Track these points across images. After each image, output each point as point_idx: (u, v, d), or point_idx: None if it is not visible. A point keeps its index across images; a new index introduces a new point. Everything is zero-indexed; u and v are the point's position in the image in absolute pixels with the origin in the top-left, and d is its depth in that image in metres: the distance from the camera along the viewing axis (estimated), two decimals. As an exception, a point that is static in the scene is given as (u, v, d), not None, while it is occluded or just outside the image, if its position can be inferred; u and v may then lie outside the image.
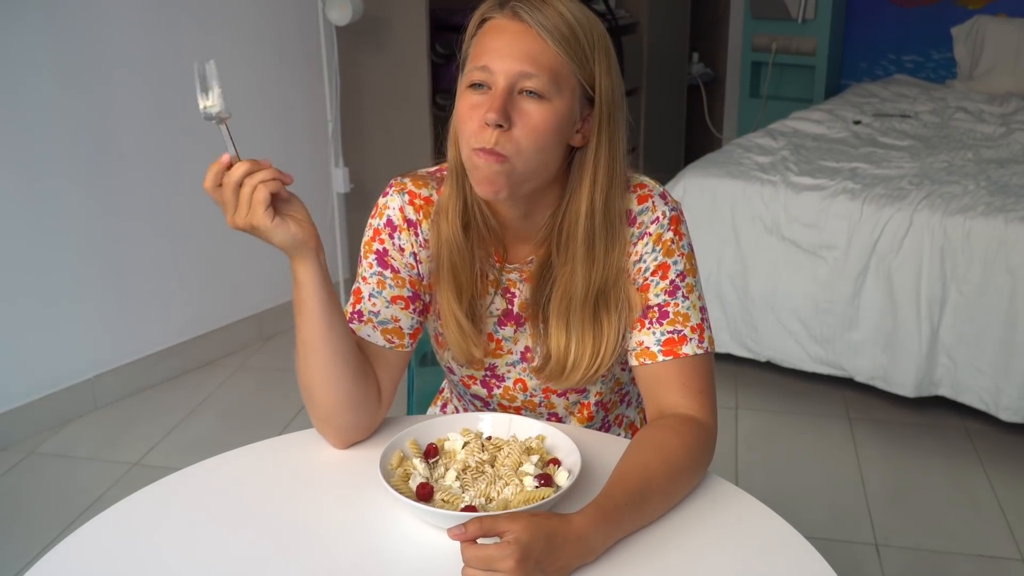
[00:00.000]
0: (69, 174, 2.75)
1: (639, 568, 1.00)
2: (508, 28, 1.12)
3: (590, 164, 1.17)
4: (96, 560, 1.02)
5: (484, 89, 1.11)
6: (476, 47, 1.14)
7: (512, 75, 1.10)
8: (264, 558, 1.02)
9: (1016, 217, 2.55)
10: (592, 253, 1.19)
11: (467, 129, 1.12)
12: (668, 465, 1.09)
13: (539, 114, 1.11)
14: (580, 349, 1.21)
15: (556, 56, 1.11)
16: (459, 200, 1.21)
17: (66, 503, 2.43)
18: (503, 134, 1.10)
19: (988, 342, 2.55)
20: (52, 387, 2.81)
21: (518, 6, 1.11)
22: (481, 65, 1.11)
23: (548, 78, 1.10)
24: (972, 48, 4.40)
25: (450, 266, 1.22)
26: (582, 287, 1.19)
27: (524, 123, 1.10)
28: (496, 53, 1.11)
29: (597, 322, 1.21)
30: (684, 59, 4.97)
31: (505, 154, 1.10)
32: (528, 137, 1.11)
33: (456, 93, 1.17)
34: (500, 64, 1.10)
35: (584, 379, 1.23)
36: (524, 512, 0.98)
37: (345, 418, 1.20)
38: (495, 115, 1.09)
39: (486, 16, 1.15)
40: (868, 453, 2.65)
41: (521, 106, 1.11)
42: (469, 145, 1.12)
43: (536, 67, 1.10)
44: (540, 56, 1.10)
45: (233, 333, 3.31)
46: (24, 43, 2.58)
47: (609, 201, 1.18)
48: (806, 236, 2.80)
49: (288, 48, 3.32)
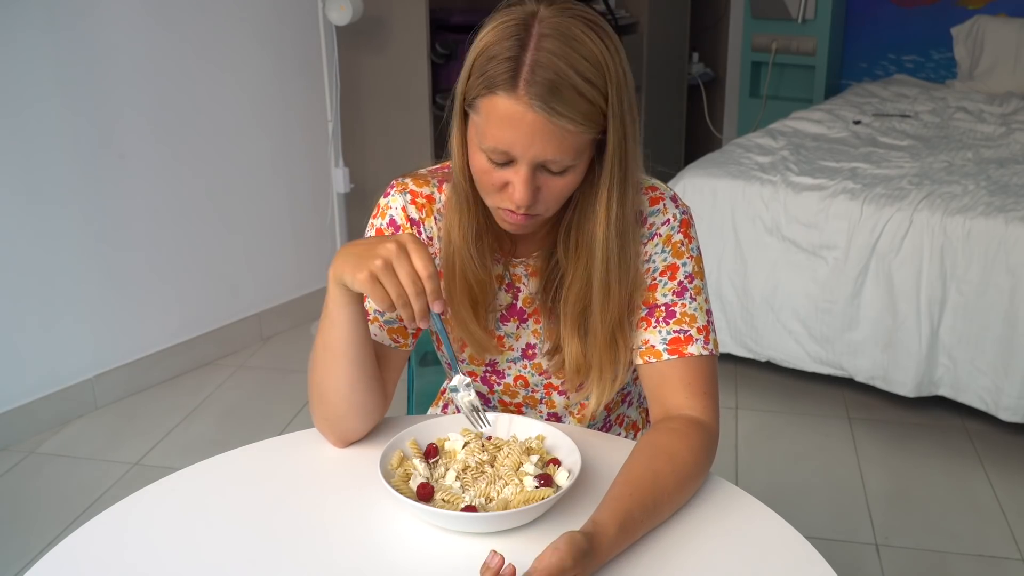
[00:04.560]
0: (69, 174, 2.75)
1: (639, 568, 1.00)
2: (525, 120, 1.04)
3: (604, 190, 1.14)
4: (96, 560, 1.02)
5: (503, 164, 1.10)
6: (490, 125, 1.07)
7: (537, 162, 1.08)
8: (264, 558, 1.02)
9: (1016, 217, 2.55)
10: (607, 282, 1.18)
11: (487, 189, 1.13)
12: (677, 474, 1.09)
13: (563, 183, 1.11)
14: (595, 373, 1.22)
15: (578, 136, 1.07)
16: (471, 225, 1.20)
17: (66, 503, 2.43)
18: (529, 206, 1.11)
19: (988, 342, 2.55)
20: (52, 387, 2.81)
21: (535, 102, 1.03)
22: (502, 150, 1.08)
23: (572, 156, 1.08)
24: (972, 48, 4.40)
25: (463, 280, 1.22)
26: (602, 311, 1.19)
27: (549, 190, 1.11)
28: (517, 145, 1.06)
29: (614, 343, 1.21)
30: (684, 59, 4.97)
31: (533, 214, 1.13)
32: (554, 199, 1.13)
33: (453, 113, 1.13)
34: (523, 153, 1.07)
35: (599, 400, 1.24)
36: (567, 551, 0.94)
37: (352, 423, 1.21)
38: (523, 200, 1.09)
39: (494, 87, 1.05)
40: (868, 453, 2.65)
41: (545, 179, 1.10)
42: (492, 201, 1.14)
43: (560, 153, 1.07)
44: (563, 143, 1.07)
45: (232, 333, 3.31)
46: (25, 43, 2.58)
47: (624, 209, 1.16)
48: (806, 236, 2.80)
49: (288, 48, 3.32)
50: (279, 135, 3.34)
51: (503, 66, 1.05)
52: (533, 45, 1.04)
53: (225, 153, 3.17)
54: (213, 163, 3.14)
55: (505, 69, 1.04)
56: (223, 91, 3.13)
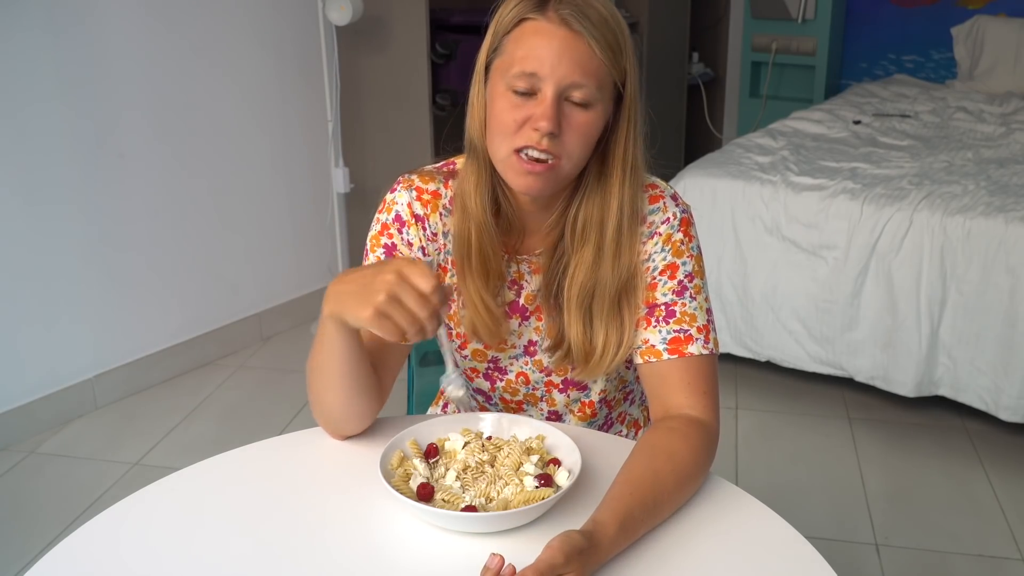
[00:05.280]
0: (69, 174, 2.75)
1: (639, 568, 1.00)
2: (556, 35, 1.09)
3: (619, 159, 1.18)
4: (96, 560, 1.02)
5: (527, 94, 1.11)
6: (519, 49, 1.11)
7: (563, 85, 1.10)
8: (264, 558, 1.02)
9: (1016, 217, 2.55)
10: (619, 247, 1.19)
11: (507, 129, 1.12)
12: (677, 473, 1.09)
13: (586, 120, 1.12)
14: (606, 340, 1.22)
15: (601, 64, 1.11)
16: (486, 188, 1.21)
17: (66, 503, 2.43)
18: (552, 138, 1.11)
19: (988, 342, 2.56)
20: (52, 387, 2.81)
21: (566, 12, 1.09)
22: (530, 72, 1.10)
23: (595, 86, 1.11)
24: (972, 48, 4.40)
25: (479, 252, 1.22)
26: (611, 281, 1.20)
27: (572, 129, 1.12)
28: (546, 62, 1.09)
29: (619, 314, 1.22)
30: (684, 59, 4.97)
31: (555, 156, 1.12)
32: (576, 142, 1.13)
33: (473, 79, 1.17)
34: (551, 73, 1.09)
35: (610, 368, 1.24)
36: (559, 547, 0.94)
37: (350, 425, 1.22)
38: (549, 125, 1.09)
39: (525, 16, 1.11)
40: (868, 453, 2.65)
41: (568, 113, 1.11)
42: (511, 145, 1.13)
43: (585, 77, 1.10)
44: (588, 64, 1.10)
45: (232, 333, 3.31)
46: (25, 43, 2.58)
47: (635, 189, 1.19)
48: (806, 236, 2.80)
49: (288, 48, 3.32)
50: (279, 135, 3.34)
51: (531, 2, 1.11)
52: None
53: (225, 153, 3.17)
54: (213, 163, 3.14)
55: (535, 3, 1.11)
56: (223, 91, 3.13)
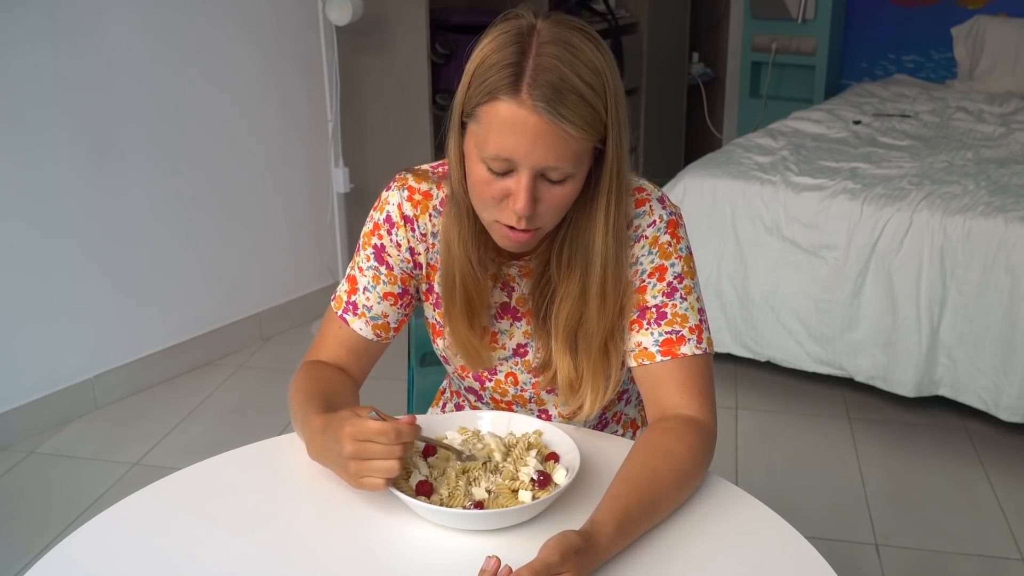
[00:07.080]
0: (70, 174, 2.75)
1: (639, 568, 1.00)
2: (528, 124, 1.04)
3: (602, 200, 1.15)
4: (96, 560, 1.02)
5: (503, 173, 1.09)
6: (491, 132, 1.06)
7: (538, 169, 1.08)
8: (264, 558, 1.02)
9: (1016, 217, 2.55)
10: (605, 293, 1.18)
11: (486, 202, 1.12)
12: (675, 472, 1.09)
13: (562, 193, 1.11)
14: (593, 385, 1.23)
15: (579, 142, 1.07)
16: (470, 236, 1.20)
17: (66, 503, 2.43)
18: (529, 217, 1.11)
19: (988, 342, 2.56)
20: (52, 387, 2.81)
21: (539, 104, 1.03)
22: (503, 157, 1.07)
23: (572, 164, 1.08)
24: (972, 48, 4.40)
25: (464, 295, 1.23)
26: (596, 325, 1.20)
27: (549, 201, 1.11)
28: (519, 150, 1.06)
29: (606, 358, 1.22)
30: (684, 59, 4.97)
31: (533, 228, 1.12)
32: (553, 211, 1.13)
33: (449, 129, 1.14)
34: (525, 160, 1.07)
35: (591, 412, 1.25)
36: (555, 546, 0.95)
37: None
38: (525, 210, 1.08)
39: (496, 93, 1.05)
40: (868, 453, 2.65)
41: (544, 189, 1.10)
42: (491, 216, 1.13)
43: (561, 160, 1.07)
44: (564, 149, 1.06)
45: (233, 333, 3.31)
46: (26, 44, 2.58)
47: (619, 217, 1.17)
48: (806, 236, 2.80)
49: (288, 48, 3.32)
50: (279, 135, 3.34)
51: (505, 72, 1.05)
52: (534, 52, 1.05)
53: (225, 153, 3.17)
54: (213, 163, 3.14)
55: (507, 75, 1.04)
56: (223, 91, 3.13)
